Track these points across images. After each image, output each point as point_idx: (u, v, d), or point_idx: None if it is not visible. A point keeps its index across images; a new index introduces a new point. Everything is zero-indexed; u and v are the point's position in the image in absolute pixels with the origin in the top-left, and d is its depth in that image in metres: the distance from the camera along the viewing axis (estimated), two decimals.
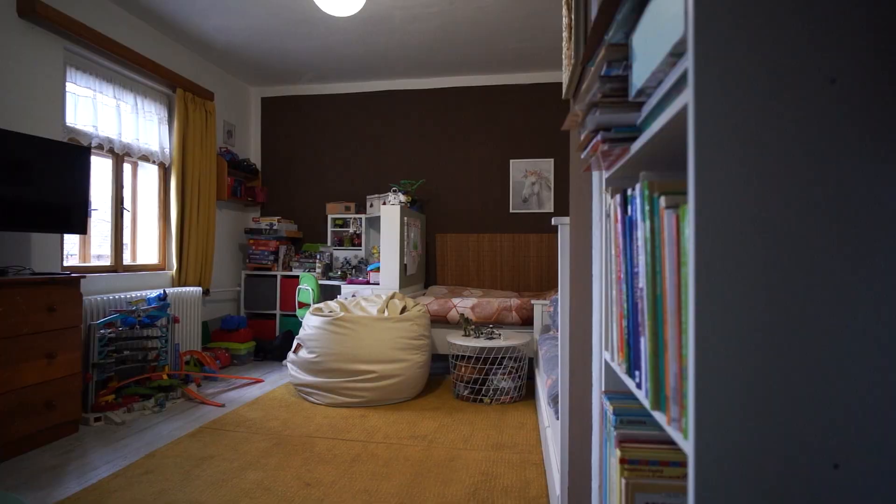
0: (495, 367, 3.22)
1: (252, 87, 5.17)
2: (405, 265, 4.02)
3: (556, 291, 3.80)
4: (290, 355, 3.36)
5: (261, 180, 5.15)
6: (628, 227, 0.74)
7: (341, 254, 4.82)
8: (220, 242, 4.67)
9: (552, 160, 4.68)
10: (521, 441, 2.54)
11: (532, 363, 3.63)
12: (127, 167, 3.75)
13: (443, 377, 3.87)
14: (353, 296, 4.02)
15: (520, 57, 4.32)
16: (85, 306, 2.97)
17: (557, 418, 1.57)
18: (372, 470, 2.19)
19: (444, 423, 2.81)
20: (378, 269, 4.09)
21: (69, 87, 3.17)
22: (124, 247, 3.67)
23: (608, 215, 0.89)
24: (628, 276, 0.74)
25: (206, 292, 4.20)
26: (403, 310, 3.41)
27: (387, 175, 4.94)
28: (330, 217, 4.85)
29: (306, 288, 4.14)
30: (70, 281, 2.58)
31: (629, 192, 0.75)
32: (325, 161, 5.07)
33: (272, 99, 5.19)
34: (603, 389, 0.93)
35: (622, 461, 0.72)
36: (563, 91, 1.37)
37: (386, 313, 3.31)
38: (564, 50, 1.36)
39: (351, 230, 4.78)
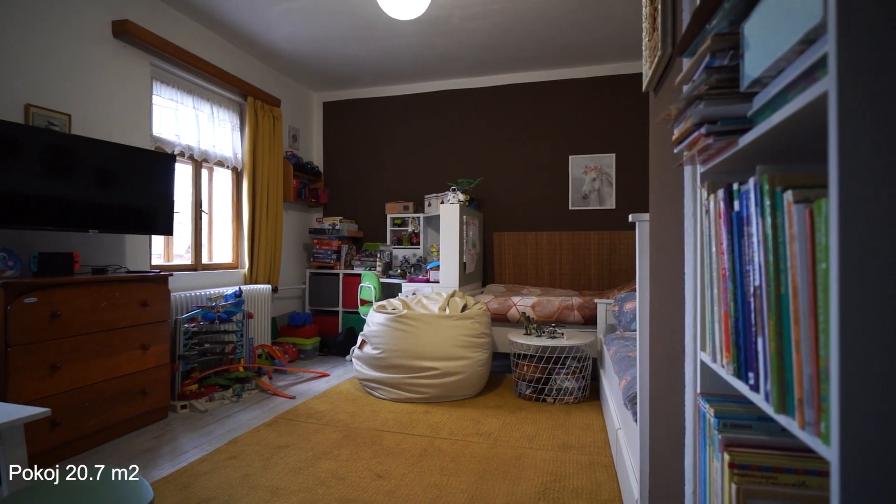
0: (558, 366, 3.18)
1: (314, 92, 5.37)
2: (464, 263, 4.05)
3: (621, 290, 3.69)
4: (355, 351, 3.47)
5: (323, 182, 5.34)
6: (735, 223, 0.71)
7: (400, 252, 4.91)
8: (287, 242, 4.89)
9: (613, 155, 4.55)
10: (588, 442, 2.49)
11: (596, 363, 3.55)
12: (203, 172, 4.01)
13: (503, 375, 3.86)
14: (414, 293, 4.09)
15: (579, 50, 4.23)
16: (171, 302, 3.21)
17: (635, 420, 1.53)
18: (440, 465, 2.23)
19: (508, 421, 2.81)
20: (438, 268, 4.14)
21: (155, 99, 3.42)
22: (202, 247, 3.93)
23: (707, 211, 0.86)
24: (736, 274, 0.71)
25: (274, 290, 4.41)
26: (464, 308, 3.44)
27: (444, 174, 4.98)
28: (389, 216, 4.96)
29: (368, 286, 4.26)
30: (160, 279, 2.80)
31: (735, 186, 0.72)
32: (384, 162, 5.19)
33: (333, 103, 5.37)
34: (699, 391, 0.90)
35: (731, 466, 0.69)
36: (644, 84, 1.33)
37: (447, 311, 3.34)
38: (645, 41, 1.32)
39: (409, 229, 4.87)
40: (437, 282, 4.09)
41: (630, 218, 1.50)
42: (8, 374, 2.03)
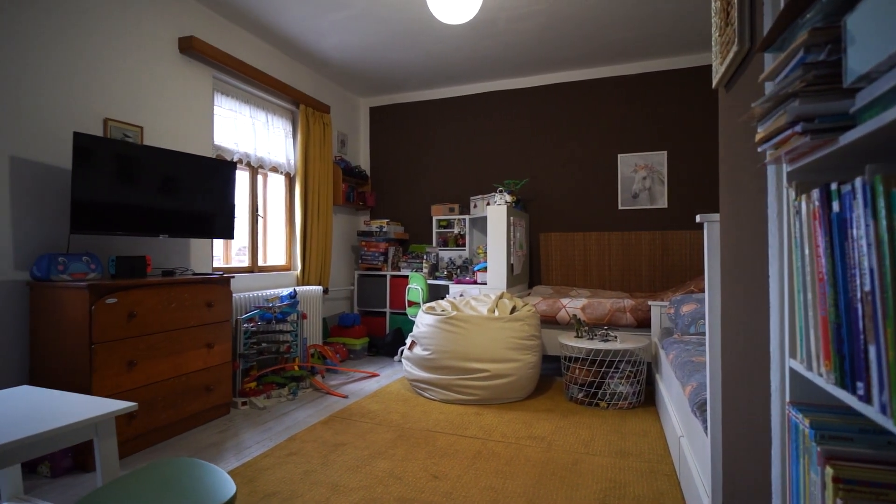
0: (612, 370, 3.11)
1: (361, 97, 5.49)
2: (511, 265, 4.03)
3: (675, 292, 3.57)
4: (405, 351, 3.51)
5: (370, 185, 5.45)
6: (836, 224, 0.68)
7: (446, 254, 4.94)
8: (336, 245, 5.02)
9: (665, 152, 4.41)
10: (646, 449, 2.42)
11: (650, 368, 3.45)
12: (258, 177, 4.17)
13: (552, 378, 3.81)
14: (461, 295, 4.10)
15: (626, 47, 4.13)
16: (233, 303, 3.36)
17: (704, 428, 1.47)
18: (495, 468, 2.22)
19: (561, 425, 2.77)
20: (485, 269, 4.14)
21: (216, 109, 3.60)
22: (258, 249, 4.09)
23: (797, 212, 0.82)
24: (837, 278, 0.68)
25: (325, 291, 4.53)
26: (513, 310, 3.42)
27: (490, 175, 4.98)
28: (435, 218, 5.00)
29: (416, 287, 4.31)
30: (223, 280, 2.94)
31: (834, 186, 0.69)
32: (429, 164, 5.24)
33: (379, 108, 5.48)
34: (788, 400, 0.86)
35: (836, 480, 0.66)
36: (714, 80, 1.29)
37: (496, 313, 3.34)
38: (715, 37, 1.28)
39: (455, 231, 4.89)
40: (485, 283, 4.09)
41: (698, 218, 1.45)
42: (92, 370, 2.19)
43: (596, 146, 4.63)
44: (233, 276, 3.05)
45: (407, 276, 4.82)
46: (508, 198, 4.03)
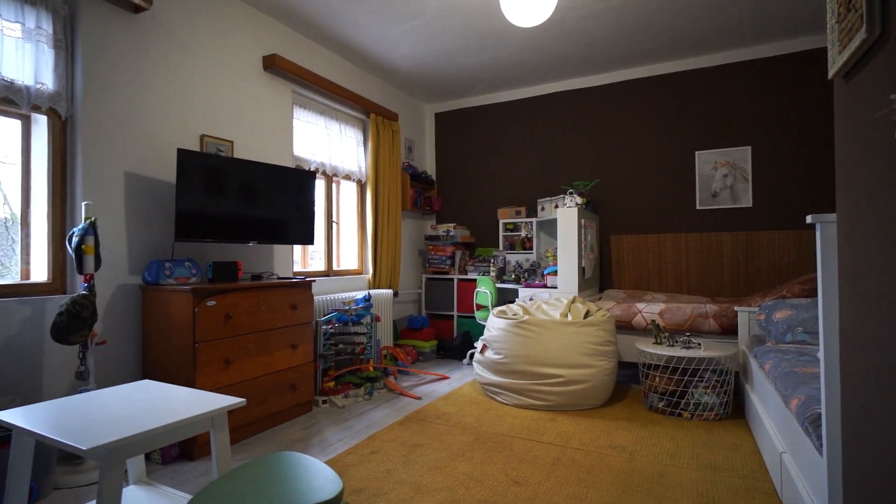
0: (695, 379, 2.95)
1: (426, 104, 5.59)
2: (583, 268, 3.93)
3: (763, 297, 3.33)
4: (476, 355, 3.53)
5: (436, 190, 5.53)
6: None
7: (513, 257, 4.91)
8: (404, 249, 5.13)
9: (749, 148, 4.14)
10: (739, 465, 2.28)
11: (738, 377, 3.24)
12: (332, 185, 4.36)
13: (627, 386, 3.68)
14: (531, 299, 4.06)
15: (702, 38, 3.92)
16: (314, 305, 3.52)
17: (818, 446, 1.37)
18: (576, 476, 2.18)
19: (641, 435, 2.67)
20: (555, 273, 4.07)
21: (294, 122, 3.80)
22: (333, 254, 4.27)
23: None
24: None
25: (395, 294, 4.65)
26: (587, 314, 3.34)
27: (557, 177, 4.90)
28: (501, 222, 4.99)
29: (484, 291, 4.31)
30: (305, 284, 3.09)
31: None
32: (495, 167, 5.23)
33: (444, 113, 5.55)
34: None
35: None
36: (831, 71, 1.20)
37: (569, 317, 3.27)
38: (831, 23, 1.19)
39: (522, 234, 4.85)
40: (555, 287, 4.02)
41: (809, 219, 1.35)
42: (195, 366, 2.38)
43: (671, 143, 4.43)
44: (314, 280, 3.20)
45: (474, 280, 4.84)
46: (579, 199, 3.94)
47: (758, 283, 4.07)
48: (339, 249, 4.43)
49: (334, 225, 4.28)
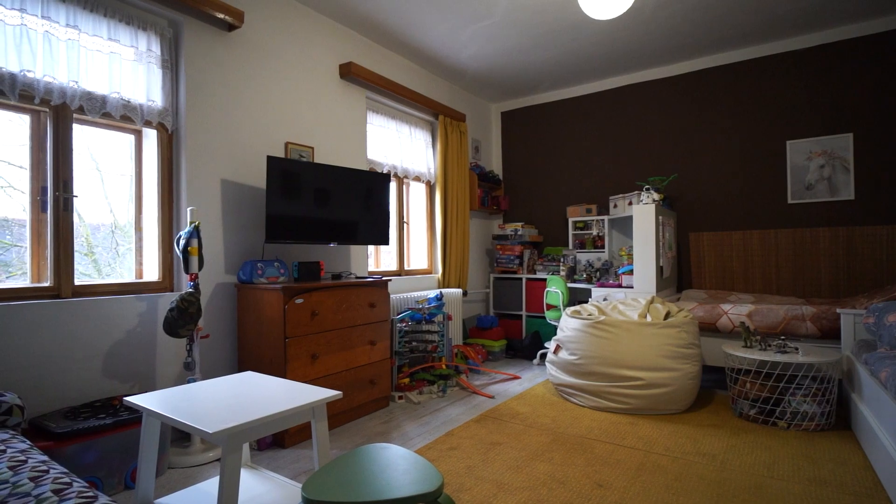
0: (792, 386, 2.74)
1: (492, 103, 5.59)
2: (661, 267, 3.77)
3: (870, 298, 3.04)
4: (549, 355, 3.48)
5: (503, 189, 5.51)
6: None
7: (583, 256, 4.80)
8: (472, 248, 5.16)
9: (850, 135, 3.78)
10: (848, 480, 2.10)
11: (842, 385, 2.98)
12: (403, 187, 4.47)
13: (712, 391, 3.49)
14: (605, 299, 3.96)
15: (798, 17, 3.62)
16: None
17: None
18: (663, 482, 2.10)
19: (732, 443, 2.52)
20: (631, 272, 3.94)
21: (368, 126, 3.94)
22: (404, 254, 4.38)
23: None
24: None
25: (464, 293, 4.69)
26: (667, 315, 3.20)
27: (630, 174, 4.73)
28: (571, 220, 4.89)
29: (555, 291, 4.25)
30: (382, 283, 3.19)
31: None
32: (563, 165, 5.14)
33: (510, 112, 5.52)
34: None
35: None
36: None
37: (648, 318, 3.15)
38: None
39: (593, 232, 4.73)
40: (631, 287, 3.89)
41: None
42: (286, 360, 2.53)
43: (758, 133, 4.14)
44: (390, 280, 3.30)
45: (543, 280, 4.78)
46: (656, 196, 3.78)
47: (862, 282, 3.72)
48: (409, 249, 4.54)
49: (405, 225, 4.39)
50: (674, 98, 4.51)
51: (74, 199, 2.33)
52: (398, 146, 4.23)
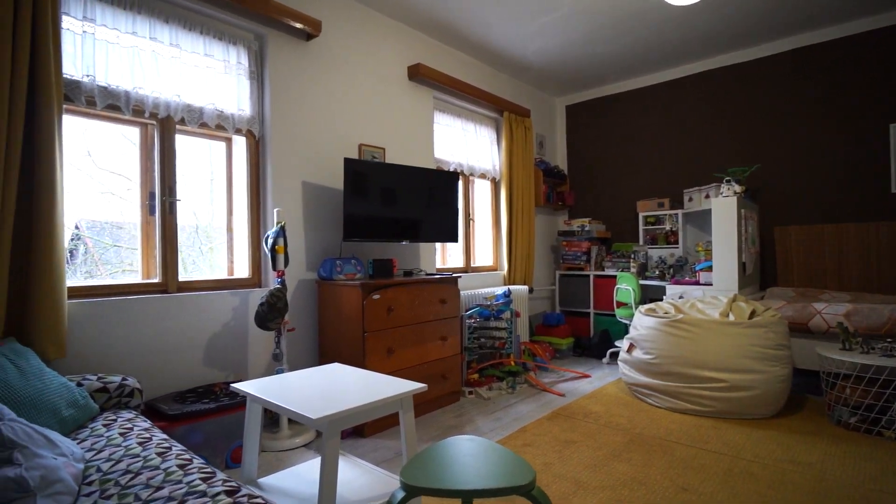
0: None
1: (557, 97, 5.50)
2: (743, 263, 3.56)
3: None
4: (622, 354, 3.40)
5: (568, 184, 5.42)
6: None
7: (655, 252, 4.62)
8: (537, 245, 5.12)
9: None
10: None
11: None
12: (468, 184, 4.50)
13: (803, 396, 3.25)
14: (681, 297, 3.80)
15: None
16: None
17: None
18: (754, 490, 2.00)
19: (831, 452, 2.35)
20: (709, 269, 3.75)
21: (434, 126, 4.00)
22: (470, 251, 4.41)
23: None
24: None
25: (530, 290, 4.66)
26: (752, 314, 3.02)
27: (706, 165, 4.49)
28: (641, 215, 4.72)
29: (626, 288, 4.13)
30: (453, 280, 3.25)
31: None
32: (633, 158, 4.96)
33: (575, 105, 5.40)
34: None
35: None
36: None
37: (731, 317, 2.99)
38: None
39: (666, 227, 4.54)
40: (709, 284, 3.70)
41: None
42: (365, 354, 2.64)
43: (854, 117, 3.80)
44: (460, 276, 3.35)
45: (612, 276, 4.65)
46: (737, 188, 3.57)
47: None
48: (474, 246, 4.57)
49: (471, 222, 4.43)
50: (756, 83, 4.23)
51: (178, 202, 2.55)
52: (464, 144, 4.27)
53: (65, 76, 2.10)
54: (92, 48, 2.19)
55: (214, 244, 2.83)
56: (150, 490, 1.27)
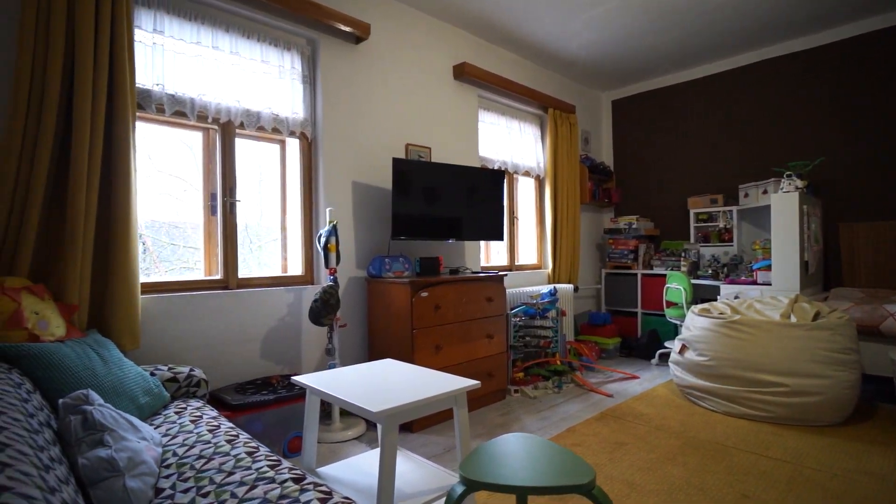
0: None
1: (603, 92, 5.38)
2: (806, 262, 3.39)
3: None
4: (673, 355, 3.30)
5: (614, 181, 5.30)
6: None
7: (707, 251, 4.46)
8: (582, 243, 5.03)
9: None
10: None
11: None
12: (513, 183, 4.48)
13: (873, 403, 3.06)
14: (736, 297, 3.65)
15: None
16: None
17: None
18: (822, 499, 1.90)
19: None
20: (768, 268, 3.58)
21: (479, 123, 4.00)
22: (514, 249, 4.40)
23: None
24: None
25: (575, 289, 4.59)
26: (816, 315, 2.87)
27: (764, 159, 4.29)
28: (692, 212, 4.56)
29: (677, 287, 4.00)
30: (499, 278, 3.25)
31: None
32: (683, 153, 4.80)
33: (621, 100, 5.27)
34: None
35: None
36: None
37: (793, 318, 2.86)
38: None
39: (720, 225, 4.37)
40: (768, 284, 3.54)
41: None
42: (414, 350, 2.69)
43: None
44: (506, 274, 3.35)
45: (661, 275, 4.52)
46: (799, 182, 3.40)
47: None
48: (517, 244, 4.55)
49: (514, 220, 4.41)
50: (818, 72, 4.00)
51: (238, 203, 2.68)
52: (508, 142, 4.25)
53: (137, 86, 2.25)
54: (161, 58, 2.33)
55: (262, 242, 2.94)
56: (223, 475, 1.35)
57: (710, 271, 4.20)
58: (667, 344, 4.23)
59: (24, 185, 1.86)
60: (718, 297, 3.83)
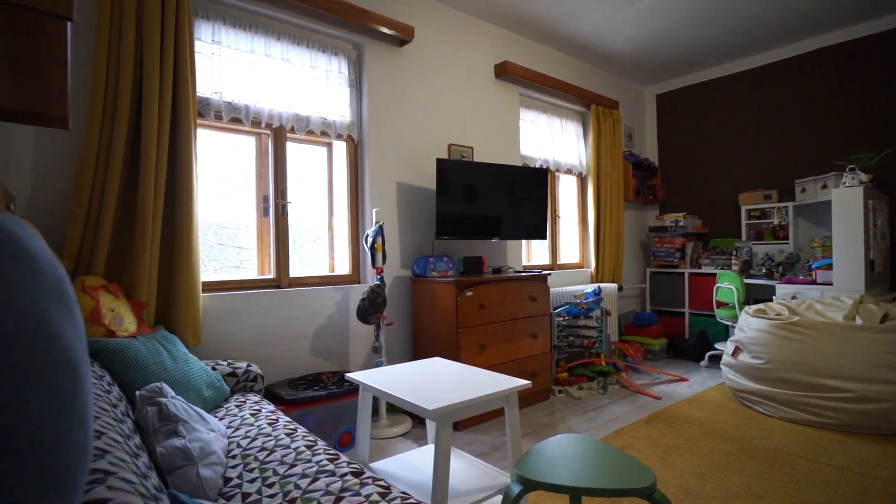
0: None
1: (646, 87, 5.24)
2: (871, 261, 3.20)
3: None
4: (726, 358, 3.19)
5: (659, 178, 5.15)
6: None
7: (761, 249, 4.27)
8: (626, 241, 4.92)
9: None
10: None
11: None
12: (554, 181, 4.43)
13: None
14: (794, 297, 3.49)
15: None
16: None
17: None
18: None
19: None
20: (828, 266, 3.40)
21: (521, 123, 3.98)
22: (556, 248, 4.35)
23: None
24: None
25: (619, 289, 4.50)
26: (885, 318, 2.71)
27: (822, 152, 4.07)
28: (744, 208, 4.38)
29: (728, 287, 3.86)
30: (542, 277, 3.23)
31: None
32: (732, 148, 4.61)
33: (666, 94, 5.12)
34: None
35: None
36: None
37: (858, 320, 2.70)
38: None
39: (774, 221, 4.18)
40: (829, 284, 3.36)
41: None
42: (458, 348, 2.71)
43: None
44: (549, 274, 3.32)
45: (710, 274, 4.37)
46: (864, 176, 3.21)
47: None
48: (559, 243, 4.49)
49: (556, 219, 4.36)
50: (881, 59, 3.76)
51: (288, 204, 2.77)
52: (549, 140, 4.21)
53: (198, 95, 2.36)
54: (220, 68, 2.44)
55: (304, 242, 3.02)
56: (286, 466, 1.41)
57: (763, 270, 4.02)
58: (717, 345, 4.08)
59: (99, 190, 1.99)
60: (774, 298, 3.67)
